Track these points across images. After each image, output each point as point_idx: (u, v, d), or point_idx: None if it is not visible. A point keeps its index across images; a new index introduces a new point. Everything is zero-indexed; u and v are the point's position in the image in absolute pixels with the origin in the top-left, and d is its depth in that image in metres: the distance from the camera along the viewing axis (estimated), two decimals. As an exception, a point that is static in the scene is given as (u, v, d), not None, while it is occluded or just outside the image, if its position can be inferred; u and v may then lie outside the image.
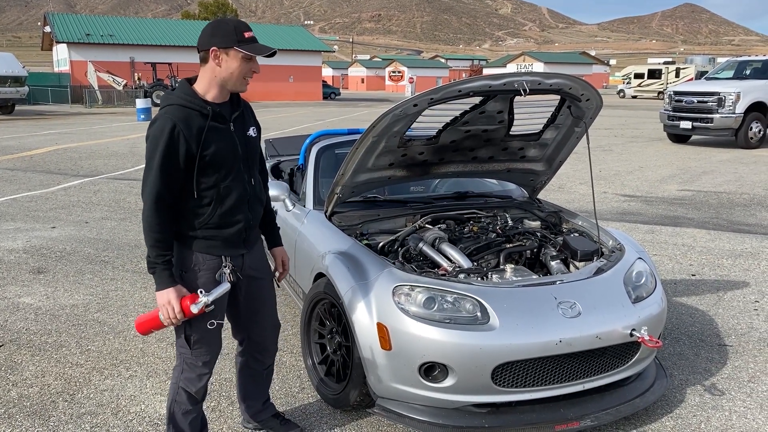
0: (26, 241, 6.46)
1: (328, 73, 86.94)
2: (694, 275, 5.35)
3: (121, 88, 34.25)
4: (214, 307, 2.39)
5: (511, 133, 3.54)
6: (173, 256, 2.36)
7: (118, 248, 6.20)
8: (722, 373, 3.58)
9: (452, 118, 3.31)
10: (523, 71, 2.97)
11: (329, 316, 3.21)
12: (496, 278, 3.07)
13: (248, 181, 2.46)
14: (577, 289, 2.94)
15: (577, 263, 3.33)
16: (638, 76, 50.06)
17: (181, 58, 38.24)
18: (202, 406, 2.66)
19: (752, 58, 16.06)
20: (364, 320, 2.82)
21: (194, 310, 2.32)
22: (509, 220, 3.78)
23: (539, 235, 3.62)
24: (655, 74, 48.57)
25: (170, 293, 2.29)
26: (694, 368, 3.63)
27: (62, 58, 41.72)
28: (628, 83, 51.42)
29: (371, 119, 2.71)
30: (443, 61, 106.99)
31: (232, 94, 2.45)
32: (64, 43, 39.66)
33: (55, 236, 6.66)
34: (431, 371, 2.71)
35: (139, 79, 35.07)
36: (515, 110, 3.37)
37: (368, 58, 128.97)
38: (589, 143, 3.45)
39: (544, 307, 2.80)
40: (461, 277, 3.03)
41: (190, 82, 2.37)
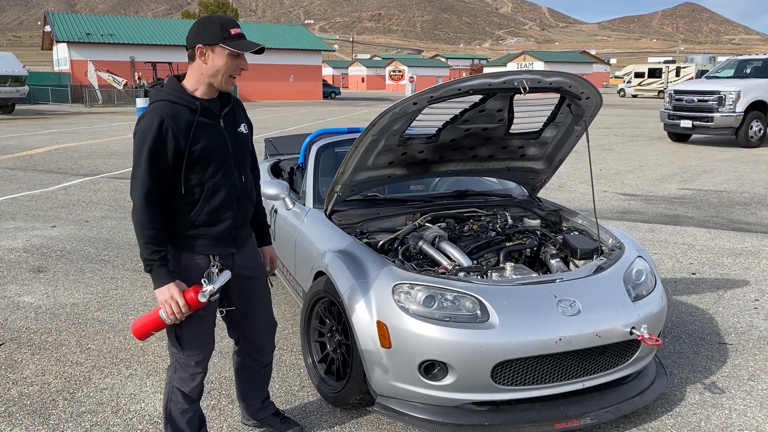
0: (26, 240, 6.46)
1: (328, 72, 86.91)
2: (694, 274, 5.35)
3: (121, 87, 34.25)
4: (218, 295, 2.37)
5: (511, 131, 3.54)
6: (168, 251, 2.33)
7: (118, 247, 6.20)
8: (722, 371, 3.58)
9: (452, 116, 3.31)
10: (523, 69, 2.97)
11: (329, 314, 3.21)
12: (495, 276, 3.07)
13: (238, 178, 2.43)
14: (576, 287, 2.94)
15: (577, 261, 3.33)
16: (638, 75, 50.05)
17: (181, 57, 37.99)
18: (199, 404, 2.65)
19: (752, 57, 16.05)
20: (363, 318, 2.82)
21: (202, 299, 2.27)
22: (509, 218, 3.77)
23: (539, 233, 3.62)
24: (655, 73, 48.56)
25: (171, 288, 2.26)
26: (694, 366, 3.63)
27: (62, 57, 41.73)
28: (628, 82, 51.39)
29: (371, 118, 2.69)
30: (443, 60, 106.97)
31: (222, 92, 2.43)
32: (64, 42, 39.67)
33: (55, 235, 6.66)
34: (431, 369, 2.71)
35: (139, 78, 35.06)
36: (515, 108, 3.37)
37: (368, 57, 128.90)
38: (589, 142, 3.45)
39: (543, 305, 2.80)
40: (461, 275, 3.02)
41: (179, 79, 2.36)
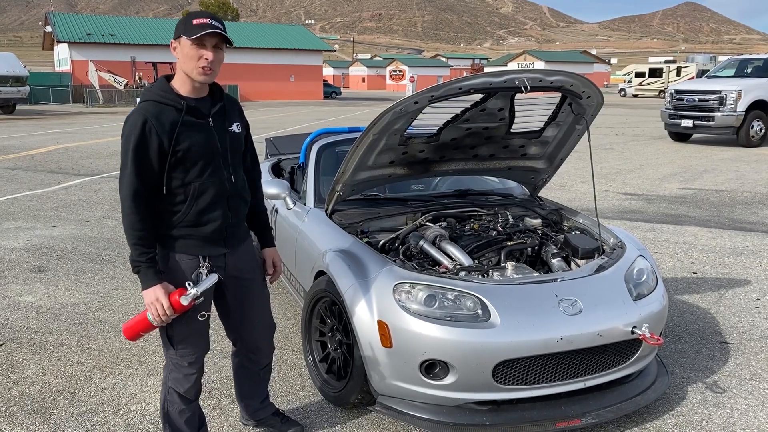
0: (27, 240, 6.47)
1: (329, 72, 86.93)
2: (695, 273, 5.34)
3: (122, 87, 34.27)
4: (203, 298, 2.35)
5: (512, 130, 3.54)
6: (157, 253, 2.33)
7: (119, 247, 6.20)
8: (724, 370, 3.57)
9: (453, 115, 3.30)
10: (524, 68, 2.97)
11: (330, 313, 3.21)
12: (497, 276, 3.06)
13: (228, 178, 2.40)
14: (578, 286, 2.94)
15: (578, 261, 3.32)
16: (639, 74, 50.00)
17: (182, 57, 38.16)
18: (197, 404, 2.64)
19: (753, 56, 16.04)
20: (364, 318, 2.82)
21: (184, 302, 2.27)
22: (510, 217, 3.77)
23: (540, 232, 3.61)
24: (656, 73, 48.52)
25: (157, 290, 2.26)
26: (695, 366, 3.63)
27: (63, 57, 41.76)
28: (629, 82, 51.36)
29: (372, 118, 2.69)
30: (444, 60, 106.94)
31: (213, 88, 2.42)
32: (65, 42, 39.69)
33: (56, 235, 6.66)
34: (432, 369, 2.71)
35: (140, 78, 35.08)
36: (516, 108, 3.37)
37: (369, 57, 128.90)
38: (590, 140, 3.45)
39: (545, 304, 2.79)
40: (462, 274, 3.02)
41: (168, 79, 2.36)
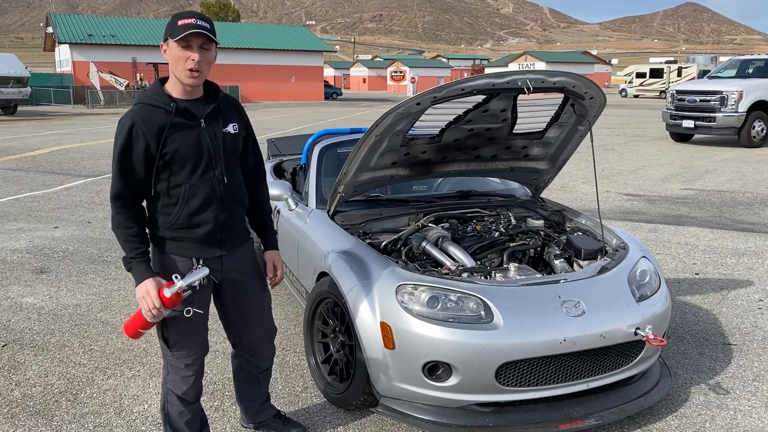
0: (29, 241, 6.47)
1: (329, 73, 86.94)
2: (697, 274, 5.34)
3: (123, 88, 34.29)
4: (190, 292, 2.29)
5: (514, 131, 3.53)
6: (148, 249, 2.31)
7: (120, 248, 6.18)
8: (727, 372, 3.57)
9: (455, 116, 3.30)
10: (526, 69, 2.96)
11: (332, 315, 3.21)
12: (499, 277, 3.06)
13: (220, 179, 2.37)
14: (581, 287, 2.93)
15: (581, 262, 3.32)
16: (640, 75, 49.97)
17: (182, 58, 38.18)
18: (198, 406, 2.63)
19: (755, 56, 16.02)
20: (367, 319, 2.81)
21: (167, 293, 2.22)
22: (512, 218, 3.76)
23: (543, 233, 3.61)
24: (657, 73, 48.49)
25: (148, 284, 2.24)
26: (698, 367, 3.62)
27: (64, 58, 41.79)
28: (629, 83, 51.34)
29: (373, 119, 2.69)
30: (445, 60, 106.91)
31: (209, 90, 2.40)
32: (66, 43, 39.72)
33: (57, 236, 6.66)
34: (435, 370, 2.70)
35: (141, 79, 35.11)
36: (519, 109, 3.36)
37: (370, 58, 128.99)
38: (593, 141, 3.44)
39: (548, 306, 2.79)
40: (465, 276, 3.01)
41: (163, 81, 2.36)
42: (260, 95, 44.05)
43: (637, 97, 49.35)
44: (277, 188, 3.88)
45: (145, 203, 2.39)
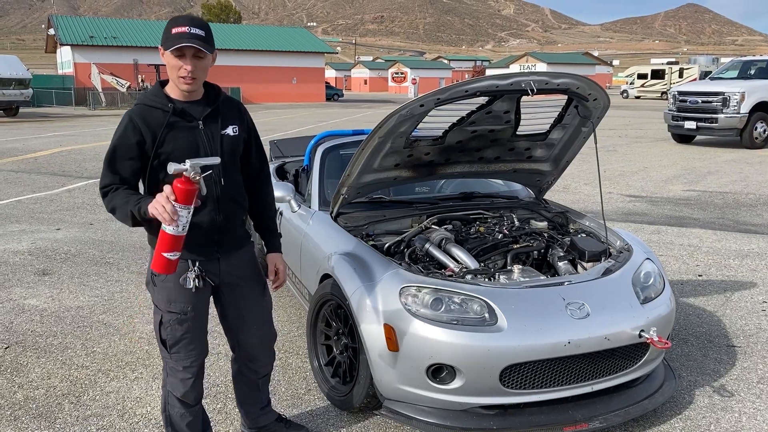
0: (31, 242, 6.46)
1: (331, 74, 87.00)
2: (700, 276, 5.32)
3: (124, 90, 34.31)
4: (201, 179, 2.11)
5: (517, 133, 3.53)
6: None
7: (122, 250, 6.20)
8: (731, 374, 3.55)
9: (459, 118, 3.29)
10: (530, 71, 2.95)
11: (335, 317, 3.20)
12: (503, 279, 3.05)
13: (217, 181, 2.35)
14: (585, 289, 2.92)
15: (584, 264, 3.31)
16: (641, 76, 49.93)
17: (184, 60, 38.22)
18: (199, 408, 2.61)
19: (757, 57, 16.01)
20: (370, 321, 2.80)
21: (169, 170, 2.06)
22: (516, 220, 3.75)
23: (546, 235, 3.60)
24: (658, 74, 48.44)
25: (157, 196, 2.09)
26: (702, 369, 3.61)
27: (66, 60, 41.86)
28: (631, 84, 51.31)
29: (374, 120, 2.68)
30: (446, 62, 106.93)
31: (209, 90, 2.40)
32: (67, 45, 39.77)
33: (59, 238, 6.66)
34: (439, 373, 2.69)
35: (142, 81, 35.13)
36: (522, 110, 3.36)
37: (371, 59, 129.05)
38: (596, 143, 3.43)
39: (552, 308, 2.78)
40: (468, 278, 3.01)
41: (163, 84, 2.36)
42: (262, 97, 44.08)
43: (638, 98, 49.30)
44: (279, 190, 3.87)
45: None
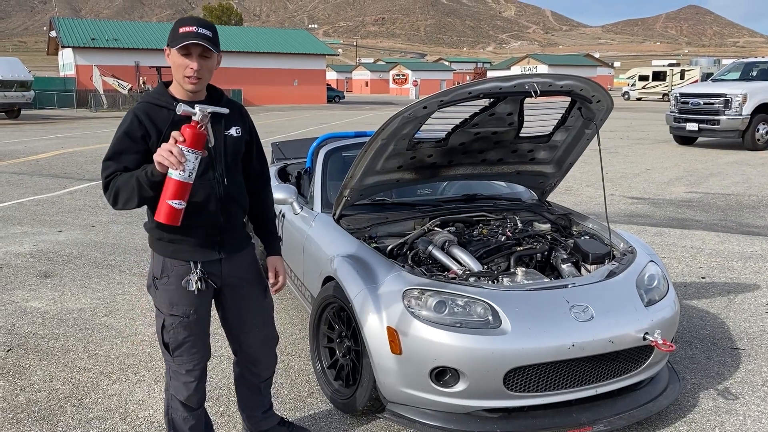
0: (33, 245, 6.46)
1: (332, 76, 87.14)
2: (703, 278, 5.31)
3: (126, 92, 34.35)
4: (208, 124, 2.13)
5: (520, 135, 3.52)
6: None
7: (124, 252, 6.19)
8: (735, 377, 3.54)
9: (462, 120, 3.28)
10: (533, 73, 2.95)
11: (338, 319, 3.19)
12: (507, 282, 3.04)
13: (220, 181, 2.35)
14: (589, 292, 2.91)
15: (588, 266, 3.30)
16: (643, 78, 49.94)
17: (185, 62, 38.29)
18: (202, 411, 2.60)
19: (759, 59, 15.99)
20: (373, 324, 2.79)
21: (179, 111, 2.06)
22: (519, 222, 3.74)
23: (549, 237, 3.59)
24: (659, 76, 48.45)
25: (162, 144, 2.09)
26: (706, 372, 3.59)
27: (68, 62, 41.94)
28: (632, 85, 51.31)
29: (376, 122, 2.69)
30: (447, 63, 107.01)
31: (212, 92, 2.40)
32: (69, 47, 39.85)
33: (61, 240, 6.66)
34: (442, 376, 2.68)
35: (144, 83, 35.19)
36: (525, 112, 3.35)
37: (372, 61, 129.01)
38: (600, 145, 3.42)
39: (556, 310, 2.77)
40: (472, 280, 3.00)
41: (167, 84, 2.36)
42: (263, 98, 44.12)
43: (639, 99, 49.30)
44: (282, 192, 3.87)
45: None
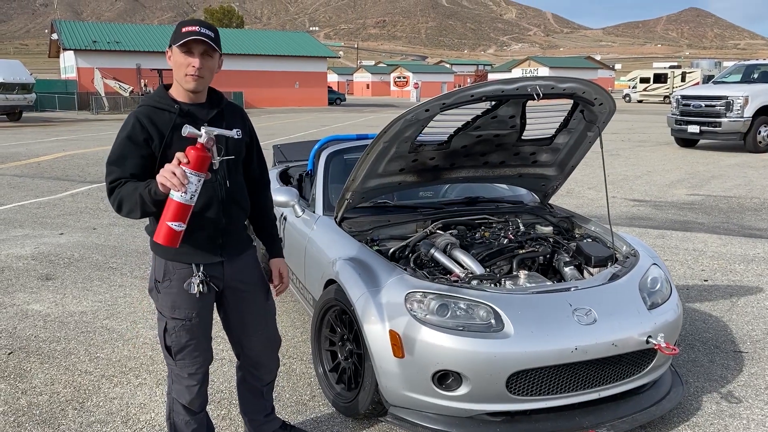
0: (34, 247, 6.46)
1: (333, 78, 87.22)
2: (706, 281, 5.30)
3: (127, 94, 34.42)
4: (213, 144, 2.13)
5: (523, 137, 3.51)
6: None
7: (126, 255, 6.19)
8: (738, 380, 3.53)
9: (464, 123, 3.28)
10: (536, 75, 2.94)
11: (340, 323, 3.18)
12: (509, 285, 3.03)
13: (222, 183, 2.36)
14: (592, 295, 2.90)
15: (591, 269, 3.29)
16: (644, 80, 49.96)
17: (187, 64, 38.35)
18: (204, 415, 2.60)
19: (760, 61, 15.99)
20: (376, 327, 2.78)
21: (185, 132, 2.07)
22: (521, 225, 3.73)
23: (552, 240, 3.58)
24: (660, 78, 48.47)
25: (165, 165, 2.08)
26: (709, 375, 3.58)
27: (69, 65, 42.00)
28: (633, 88, 51.32)
29: (377, 124, 2.68)
30: (448, 66, 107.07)
31: (212, 95, 2.41)
32: (71, 50, 39.94)
33: (63, 243, 6.66)
34: (445, 379, 2.67)
35: (145, 85, 35.24)
36: (527, 115, 3.34)
37: (373, 63, 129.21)
38: (602, 147, 3.42)
39: (559, 314, 2.76)
40: (474, 283, 2.99)
41: (167, 87, 2.36)
42: (264, 101, 44.16)
43: (640, 102, 49.31)
44: (283, 195, 3.86)
45: None
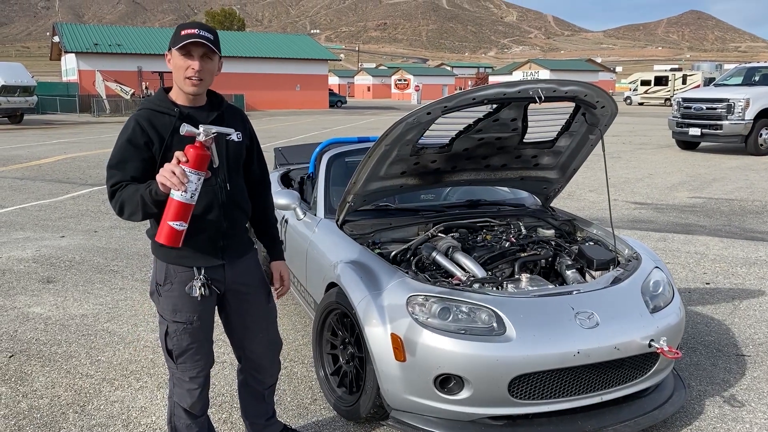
0: (36, 250, 6.46)
1: (334, 81, 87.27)
2: (708, 284, 5.28)
3: (129, 97, 34.42)
4: (212, 142, 2.13)
5: (524, 140, 3.51)
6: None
7: (127, 257, 6.18)
8: (741, 383, 3.51)
9: (465, 126, 3.27)
10: (538, 78, 2.94)
11: (341, 326, 3.17)
12: (511, 288, 3.02)
13: (223, 186, 2.35)
14: (594, 299, 2.89)
15: (593, 272, 3.28)
16: (645, 83, 49.98)
17: (188, 67, 38.37)
18: (205, 419, 2.59)
19: (761, 64, 15.98)
20: (377, 331, 2.78)
21: (183, 131, 2.06)
22: (523, 228, 3.73)
23: (554, 243, 3.57)
24: (661, 81, 48.48)
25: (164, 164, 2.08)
26: (712, 379, 3.57)
27: (70, 67, 42.04)
28: (634, 90, 51.32)
29: (378, 127, 2.68)
30: (449, 68, 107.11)
31: (212, 98, 2.40)
32: (72, 52, 39.98)
33: (64, 245, 6.65)
34: (447, 383, 2.67)
35: (146, 88, 35.25)
36: (529, 118, 3.34)
37: (374, 66, 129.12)
38: (604, 150, 3.41)
39: (561, 317, 2.75)
40: (476, 286, 2.98)
41: (167, 90, 2.36)
42: (265, 104, 44.20)
43: (641, 104, 49.30)
44: (285, 197, 3.86)
45: None
